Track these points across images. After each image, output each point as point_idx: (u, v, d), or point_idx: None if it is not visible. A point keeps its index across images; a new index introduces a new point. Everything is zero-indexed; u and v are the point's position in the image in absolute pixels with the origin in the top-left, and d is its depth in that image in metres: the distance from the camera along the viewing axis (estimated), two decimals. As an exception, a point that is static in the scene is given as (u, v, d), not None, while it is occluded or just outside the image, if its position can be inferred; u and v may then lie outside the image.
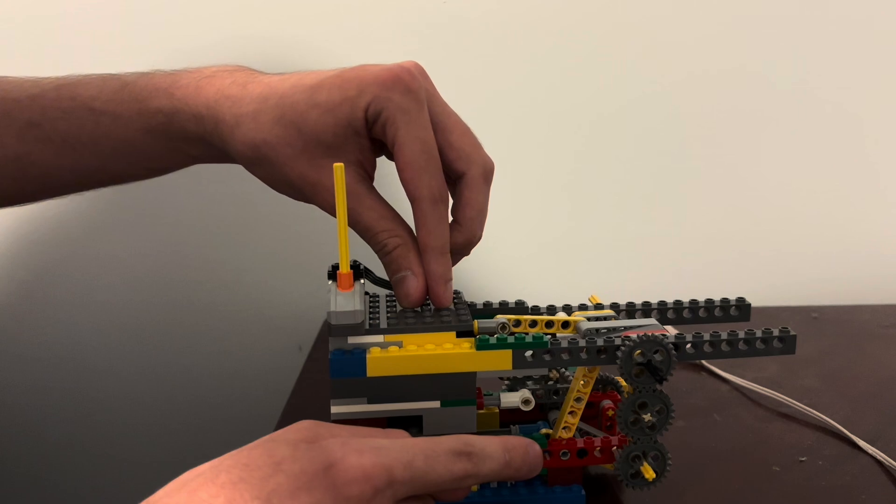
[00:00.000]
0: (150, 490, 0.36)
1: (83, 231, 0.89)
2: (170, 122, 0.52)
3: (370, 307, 0.49)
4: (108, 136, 0.54)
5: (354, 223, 0.48)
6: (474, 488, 0.48)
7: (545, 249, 0.90)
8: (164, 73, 0.54)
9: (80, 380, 0.94)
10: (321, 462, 0.36)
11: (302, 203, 0.51)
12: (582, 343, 0.47)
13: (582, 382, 0.49)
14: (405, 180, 0.47)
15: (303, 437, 0.39)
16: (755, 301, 0.55)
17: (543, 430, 0.51)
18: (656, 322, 0.51)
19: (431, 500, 0.41)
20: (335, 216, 0.49)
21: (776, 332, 0.48)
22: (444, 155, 0.49)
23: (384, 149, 0.51)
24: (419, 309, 0.49)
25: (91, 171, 0.57)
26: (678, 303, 0.53)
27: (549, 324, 0.50)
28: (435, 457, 0.39)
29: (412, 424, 0.47)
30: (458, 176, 0.49)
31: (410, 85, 0.47)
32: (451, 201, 0.50)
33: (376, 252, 0.49)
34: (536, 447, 0.43)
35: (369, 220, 0.48)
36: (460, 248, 0.50)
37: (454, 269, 0.50)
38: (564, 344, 0.47)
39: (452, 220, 0.50)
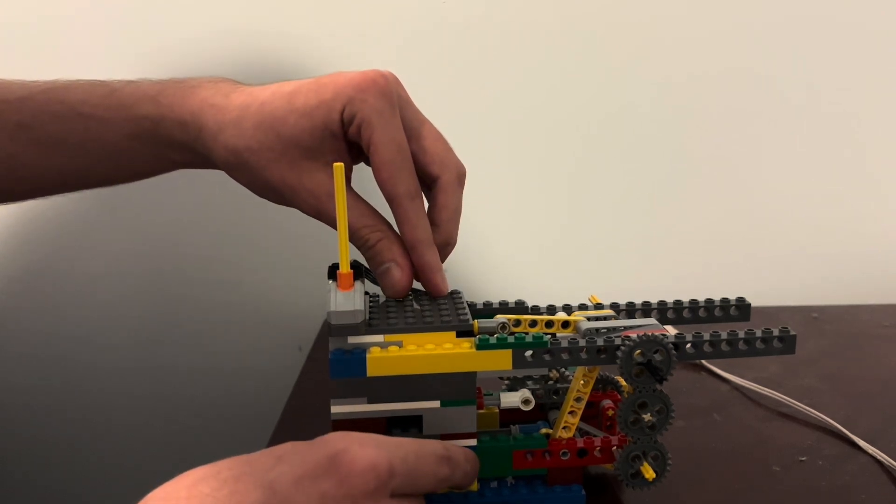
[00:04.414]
0: (149, 489, 0.36)
1: (83, 231, 0.89)
2: (156, 129, 0.54)
3: (370, 307, 0.49)
4: (96, 140, 0.56)
5: (335, 222, 0.49)
6: (475, 487, 0.48)
7: (545, 249, 0.90)
8: (151, 82, 0.56)
9: (79, 380, 0.94)
10: (324, 452, 0.37)
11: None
12: (582, 343, 0.47)
13: (582, 382, 0.49)
14: (382, 180, 0.49)
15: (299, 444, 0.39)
16: (755, 301, 0.55)
17: (543, 430, 0.51)
18: (656, 322, 0.51)
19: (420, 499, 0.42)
20: (317, 218, 0.50)
21: (776, 332, 0.48)
22: (418, 160, 0.50)
23: (361, 155, 0.52)
24: (419, 308, 0.49)
25: (78, 174, 0.59)
26: (678, 303, 0.53)
27: (549, 324, 0.50)
28: (424, 457, 0.41)
29: (412, 424, 0.47)
30: (433, 180, 0.51)
31: (384, 88, 0.49)
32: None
33: (359, 248, 0.50)
34: (476, 460, 0.46)
35: (350, 218, 0.49)
36: (438, 251, 0.50)
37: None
38: (564, 344, 0.47)
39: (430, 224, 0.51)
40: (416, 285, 0.54)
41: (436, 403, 0.46)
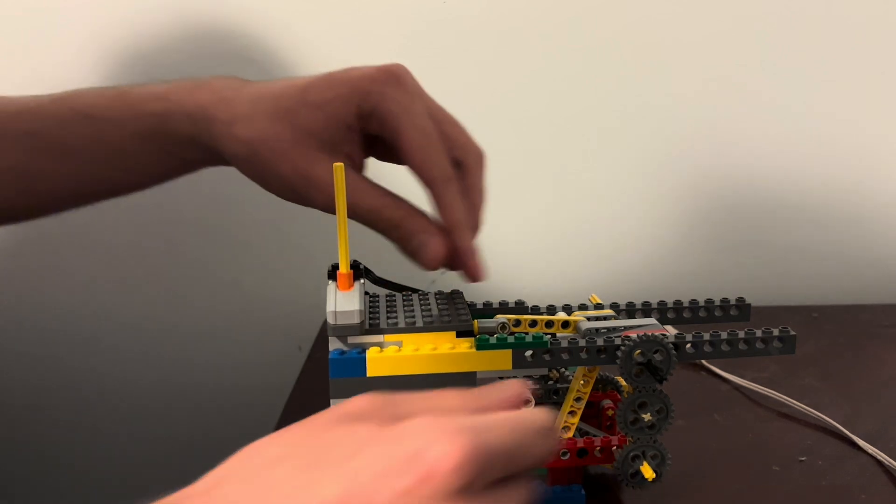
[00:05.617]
0: (148, 490, 0.36)
1: (83, 231, 0.89)
2: (163, 124, 0.53)
3: (370, 307, 0.49)
4: (103, 142, 0.55)
5: (356, 210, 0.49)
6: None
7: (545, 249, 0.90)
8: (161, 82, 0.56)
9: (79, 381, 0.94)
10: (411, 445, 0.33)
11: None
12: (582, 343, 0.47)
13: (582, 382, 0.49)
14: (417, 165, 0.49)
15: (378, 411, 0.36)
16: (755, 301, 0.55)
17: (543, 430, 0.51)
18: (656, 322, 0.51)
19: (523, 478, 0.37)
20: (331, 212, 0.49)
21: (776, 332, 0.48)
22: None
23: (372, 147, 0.52)
24: (419, 309, 0.49)
25: (88, 181, 0.58)
26: (678, 303, 0.53)
27: (549, 324, 0.50)
28: (525, 436, 0.36)
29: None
30: (457, 164, 0.51)
31: (403, 79, 0.49)
32: None
33: (385, 230, 0.50)
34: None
35: (371, 202, 0.49)
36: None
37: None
38: (564, 344, 0.47)
39: None
40: (418, 285, 0.54)
41: (436, 403, 0.46)
